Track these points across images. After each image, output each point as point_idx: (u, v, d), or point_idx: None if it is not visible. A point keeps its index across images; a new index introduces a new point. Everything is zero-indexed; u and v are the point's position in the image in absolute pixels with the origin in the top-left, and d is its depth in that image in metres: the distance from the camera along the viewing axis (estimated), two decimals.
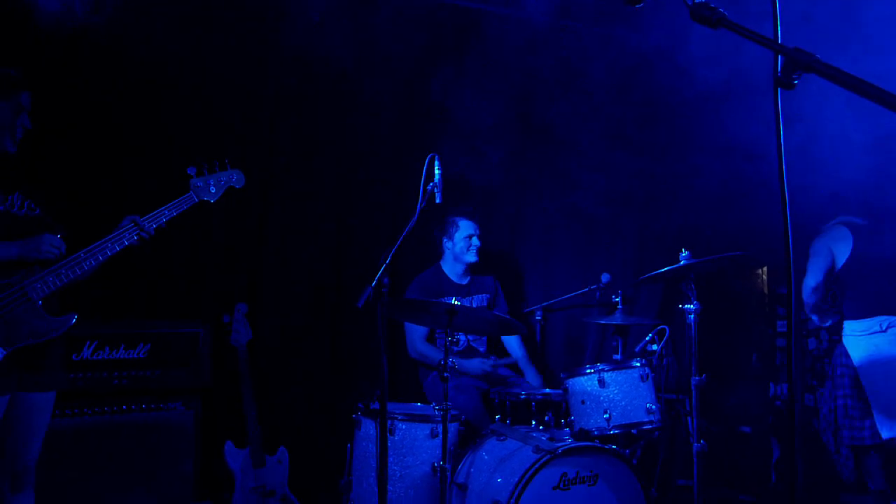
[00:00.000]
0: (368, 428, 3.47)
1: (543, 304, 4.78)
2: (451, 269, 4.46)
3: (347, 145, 4.55)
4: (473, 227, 4.38)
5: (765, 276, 5.49)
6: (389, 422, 3.37)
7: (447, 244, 4.43)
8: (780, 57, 1.20)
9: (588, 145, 5.10)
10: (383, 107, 4.59)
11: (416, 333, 4.31)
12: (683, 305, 3.67)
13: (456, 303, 3.28)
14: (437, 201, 3.14)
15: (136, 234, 2.72)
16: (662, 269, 3.70)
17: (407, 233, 3.04)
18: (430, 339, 4.34)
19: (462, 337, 4.35)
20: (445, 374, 3.20)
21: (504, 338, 4.54)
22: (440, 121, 4.44)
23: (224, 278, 4.15)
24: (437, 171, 3.12)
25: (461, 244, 4.36)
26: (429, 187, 3.13)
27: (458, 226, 4.38)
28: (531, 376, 4.41)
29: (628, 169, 5.13)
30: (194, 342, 3.66)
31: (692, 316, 3.62)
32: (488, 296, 4.51)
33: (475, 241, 4.37)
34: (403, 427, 3.42)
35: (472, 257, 4.37)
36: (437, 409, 3.28)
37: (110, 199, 3.70)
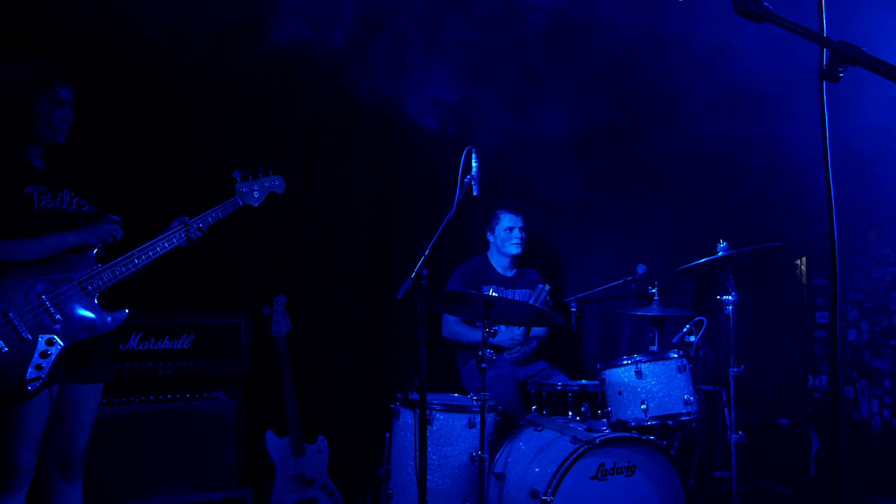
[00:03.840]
0: (407, 418, 3.51)
1: (579, 295, 4.78)
2: (498, 261, 4.50)
3: (383, 139, 4.58)
4: (514, 219, 4.41)
5: (803, 267, 5.43)
6: (428, 412, 3.41)
7: (490, 238, 4.50)
8: (825, 50, 1.20)
9: (626, 134, 5.09)
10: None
11: (451, 315, 4.35)
12: (721, 297, 3.65)
13: (493, 294, 3.30)
14: (475, 193, 3.16)
15: (184, 235, 2.81)
16: (701, 260, 3.68)
17: (445, 224, 3.07)
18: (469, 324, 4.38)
19: (502, 328, 4.37)
20: (483, 365, 3.22)
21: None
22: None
23: (264, 271, 4.22)
24: (474, 164, 3.15)
25: (502, 236, 4.40)
26: (466, 180, 3.15)
27: (499, 219, 4.42)
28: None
29: (663, 159, 5.10)
30: (236, 333, 3.72)
31: (731, 307, 3.61)
32: (531, 291, 4.52)
33: (517, 233, 4.40)
34: (441, 417, 3.46)
35: (513, 249, 4.40)
36: (475, 400, 3.31)
37: (157, 201, 3.80)
